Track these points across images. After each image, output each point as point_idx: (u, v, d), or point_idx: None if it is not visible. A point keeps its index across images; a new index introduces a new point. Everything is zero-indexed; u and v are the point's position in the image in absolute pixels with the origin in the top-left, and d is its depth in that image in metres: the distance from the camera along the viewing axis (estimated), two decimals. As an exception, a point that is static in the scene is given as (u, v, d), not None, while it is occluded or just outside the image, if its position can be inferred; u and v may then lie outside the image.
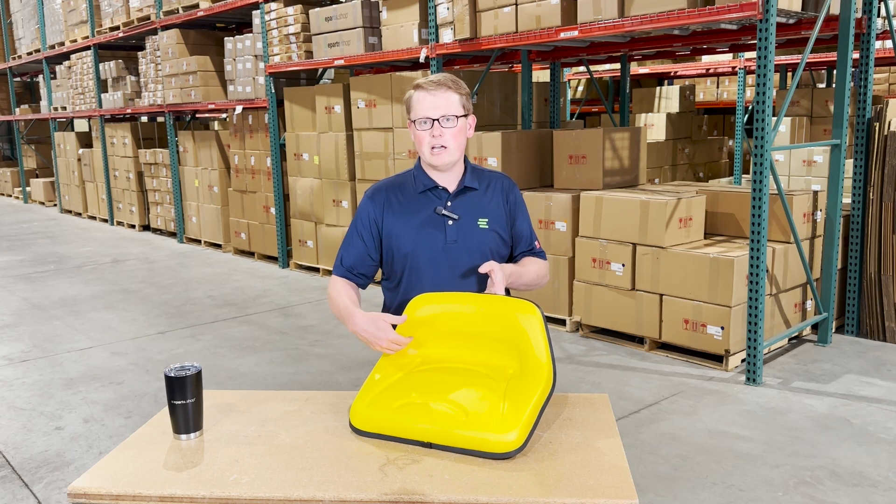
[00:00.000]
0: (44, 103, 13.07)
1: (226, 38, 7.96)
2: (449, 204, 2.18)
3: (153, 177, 9.89)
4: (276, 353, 4.89)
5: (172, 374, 1.83)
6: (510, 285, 2.14)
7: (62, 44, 11.50)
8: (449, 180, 2.19)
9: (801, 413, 3.75)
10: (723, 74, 9.62)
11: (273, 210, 7.68)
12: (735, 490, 3.02)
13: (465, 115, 2.13)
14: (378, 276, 2.33)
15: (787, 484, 3.06)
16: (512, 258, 2.30)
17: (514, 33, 5.03)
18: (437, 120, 2.08)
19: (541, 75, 9.29)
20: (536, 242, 2.32)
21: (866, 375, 4.25)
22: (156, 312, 5.98)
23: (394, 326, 1.96)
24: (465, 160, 2.24)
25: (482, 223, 2.18)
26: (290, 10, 6.90)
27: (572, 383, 4.23)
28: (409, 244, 2.17)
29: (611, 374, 4.37)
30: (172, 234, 9.76)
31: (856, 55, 4.84)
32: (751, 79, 9.19)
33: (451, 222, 2.16)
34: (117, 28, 9.80)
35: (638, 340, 4.83)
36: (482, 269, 2.04)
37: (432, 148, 2.10)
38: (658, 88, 9.29)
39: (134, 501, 1.62)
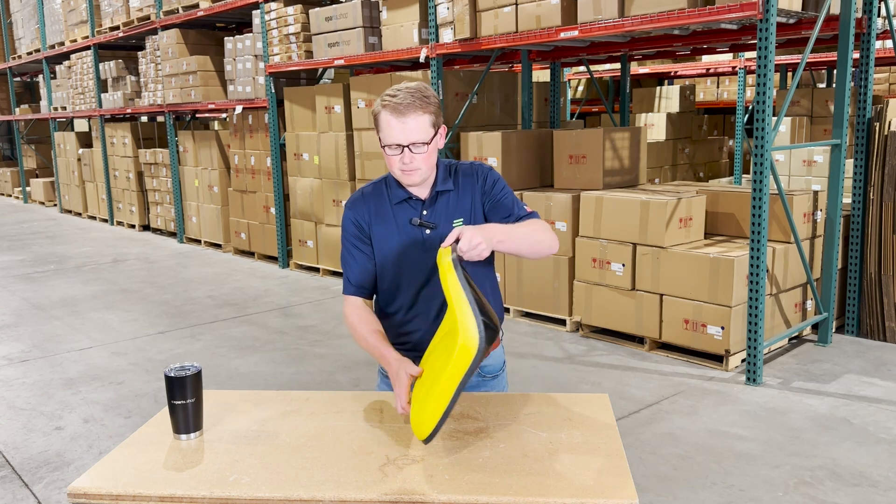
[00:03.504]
0: (44, 103, 13.07)
1: (226, 38, 7.96)
2: (424, 213, 2.14)
3: (153, 177, 9.89)
4: (276, 353, 4.89)
5: (172, 374, 1.83)
6: (507, 249, 2.01)
7: (62, 44, 11.50)
8: (421, 189, 2.14)
9: (801, 413, 3.75)
10: (723, 74, 9.62)
11: (273, 210, 7.68)
12: (735, 490, 3.02)
13: (436, 133, 2.05)
14: None
15: (787, 484, 3.06)
16: None
17: (514, 33, 5.02)
18: (408, 146, 2.00)
19: (541, 75, 9.29)
20: (526, 208, 2.18)
21: (866, 375, 4.25)
22: (156, 312, 5.98)
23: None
24: (438, 161, 2.18)
25: (457, 223, 2.14)
26: (290, 9, 6.90)
27: (572, 383, 4.23)
28: (390, 255, 2.14)
29: (611, 374, 4.37)
30: (172, 234, 9.76)
31: (856, 55, 4.84)
32: (751, 79, 9.19)
33: (428, 231, 2.13)
34: (117, 28, 9.80)
35: (638, 340, 4.83)
36: (447, 242, 1.86)
37: (403, 170, 2.05)
38: (658, 88, 9.29)
39: (134, 501, 1.62)
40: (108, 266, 7.95)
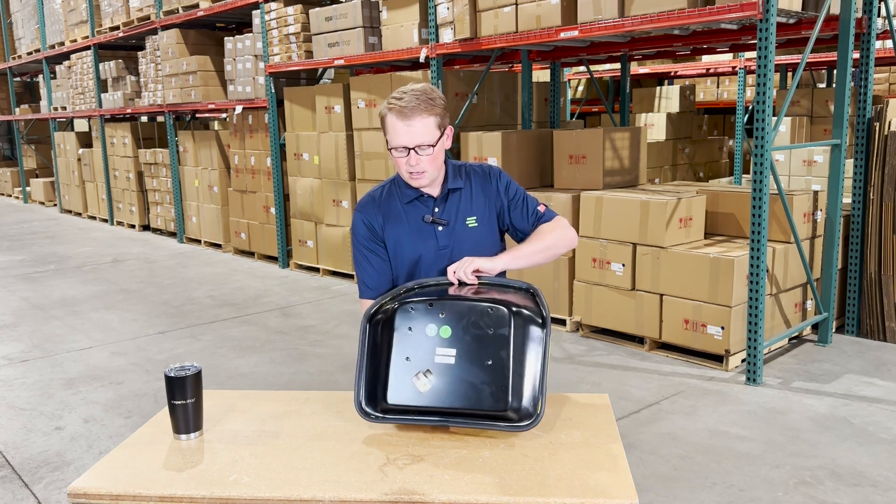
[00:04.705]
0: (44, 103, 13.07)
1: (226, 38, 7.96)
2: (436, 210, 2.16)
3: (153, 177, 9.89)
4: (276, 353, 4.89)
5: (172, 374, 1.83)
6: (521, 266, 2.13)
7: (62, 44, 11.50)
8: (432, 188, 2.17)
9: (801, 413, 3.75)
10: (723, 74, 9.62)
11: (273, 210, 7.68)
12: (735, 490, 3.02)
13: (442, 134, 2.07)
14: None
15: (787, 484, 3.06)
16: (526, 235, 2.25)
17: (514, 33, 5.02)
18: (413, 149, 2.03)
19: (541, 75, 9.30)
20: (540, 207, 2.24)
21: (866, 375, 4.25)
22: (156, 312, 5.98)
23: None
24: (446, 160, 2.20)
25: (471, 222, 2.17)
26: (290, 9, 6.90)
27: (572, 383, 4.23)
28: (405, 255, 2.15)
29: (611, 374, 4.37)
30: (172, 234, 9.76)
31: (856, 55, 4.84)
32: (751, 79, 9.19)
33: (440, 228, 2.14)
34: (117, 28, 9.80)
35: (638, 340, 4.83)
36: (451, 277, 2.02)
37: (410, 173, 2.08)
38: (658, 88, 9.29)
39: (134, 501, 1.62)
40: (108, 266, 7.95)
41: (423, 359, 1.85)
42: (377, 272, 2.18)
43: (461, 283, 2.02)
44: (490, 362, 1.82)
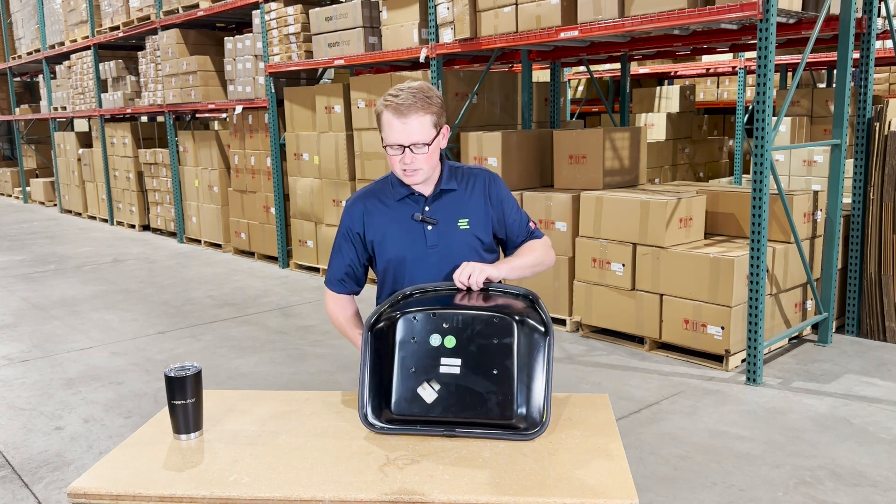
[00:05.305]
0: (44, 103, 13.07)
1: (226, 38, 7.96)
2: (427, 209, 2.15)
3: (153, 177, 9.89)
4: (276, 353, 4.89)
5: (172, 374, 1.83)
6: (515, 278, 2.17)
7: (62, 44, 11.50)
8: (425, 186, 2.16)
9: (801, 413, 3.75)
10: (723, 74, 9.62)
11: (273, 210, 7.68)
12: (735, 490, 3.02)
13: (438, 133, 2.07)
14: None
15: (787, 484, 3.06)
16: (515, 247, 2.28)
17: (514, 33, 5.02)
18: (409, 147, 2.03)
19: (541, 75, 9.29)
20: (531, 224, 2.29)
21: (866, 375, 4.25)
22: (156, 312, 5.98)
23: None
24: (443, 160, 2.20)
25: (462, 224, 2.17)
26: (290, 9, 6.90)
27: (572, 383, 4.23)
28: (391, 251, 2.16)
29: (611, 374, 4.37)
30: (172, 234, 9.76)
31: (856, 55, 4.84)
32: (751, 79, 9.19)
33: (430, 227, 2.14)
34: (117, 28, 9.80)
35: (638, 340, 4.83)
36: (459, 283, 2.04)
37: (404, 170, 2.08)
38: (658, 88, 9.29)
39: (134, 501, 1.62)
40: (108, 266, 7.95)
41: (428, 369, 1.85)
42: (346, 270, 2.23)
43: (468, 290, 2.02)
44: (496, 371, 1.82)
